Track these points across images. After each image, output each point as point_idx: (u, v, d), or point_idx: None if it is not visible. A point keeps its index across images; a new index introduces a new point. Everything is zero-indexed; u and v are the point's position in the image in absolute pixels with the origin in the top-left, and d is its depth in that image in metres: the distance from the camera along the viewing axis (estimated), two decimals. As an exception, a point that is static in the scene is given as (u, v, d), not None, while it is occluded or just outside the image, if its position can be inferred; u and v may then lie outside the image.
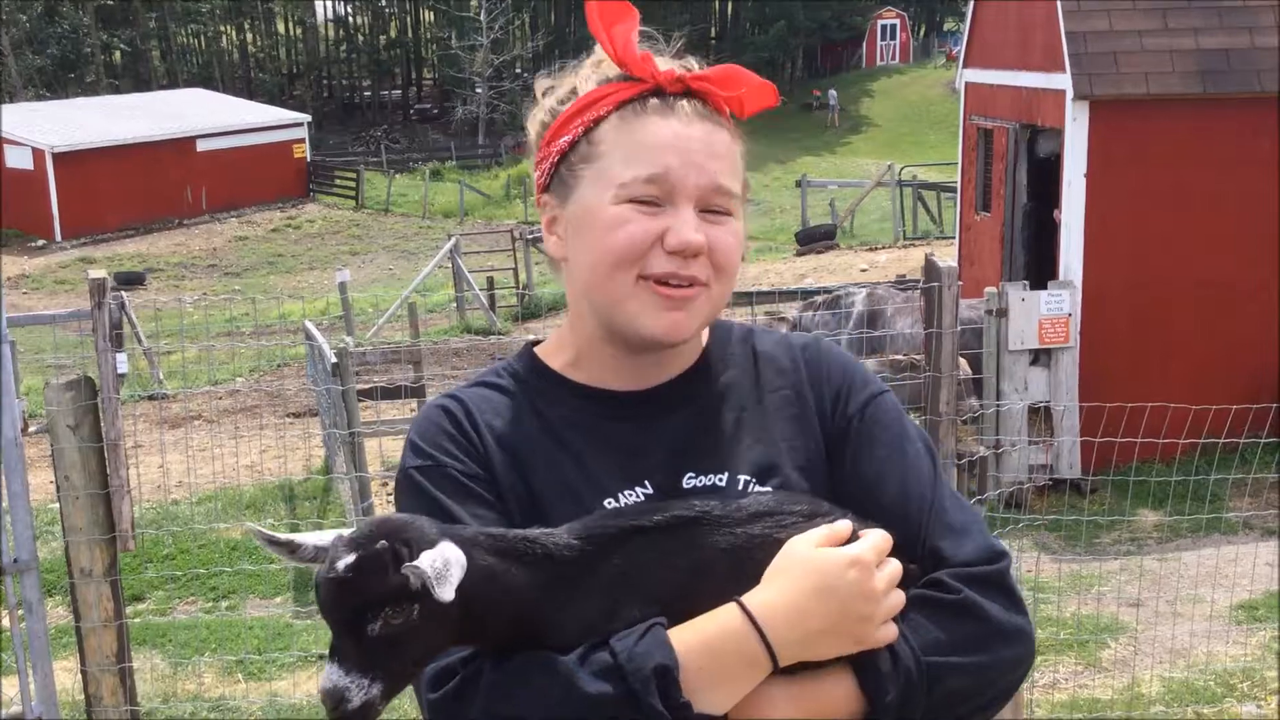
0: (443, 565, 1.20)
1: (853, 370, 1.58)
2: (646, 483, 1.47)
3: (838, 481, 1.51)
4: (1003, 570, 1.43)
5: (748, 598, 1.33)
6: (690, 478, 1.48)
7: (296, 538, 1.28)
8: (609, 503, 1.45)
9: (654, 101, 1.45)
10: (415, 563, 1.20)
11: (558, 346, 1.58)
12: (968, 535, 1.45)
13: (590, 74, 1.51)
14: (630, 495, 1.46)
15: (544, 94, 1.55)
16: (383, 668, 1.22)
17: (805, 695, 1.35)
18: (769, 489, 1.47)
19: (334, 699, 1.20)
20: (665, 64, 1.48)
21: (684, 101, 1.46)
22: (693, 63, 1.52)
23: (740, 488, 1.47)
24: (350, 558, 1.22)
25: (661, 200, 1.42)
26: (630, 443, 1.49)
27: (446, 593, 1.19)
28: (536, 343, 1.62)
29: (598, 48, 1.51)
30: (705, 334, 1.58)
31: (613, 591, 1.33)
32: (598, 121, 1.46)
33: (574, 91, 1.51)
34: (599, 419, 1.50)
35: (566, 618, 1.32)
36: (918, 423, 1.63)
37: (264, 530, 1.29)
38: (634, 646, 1.29)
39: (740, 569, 1.36)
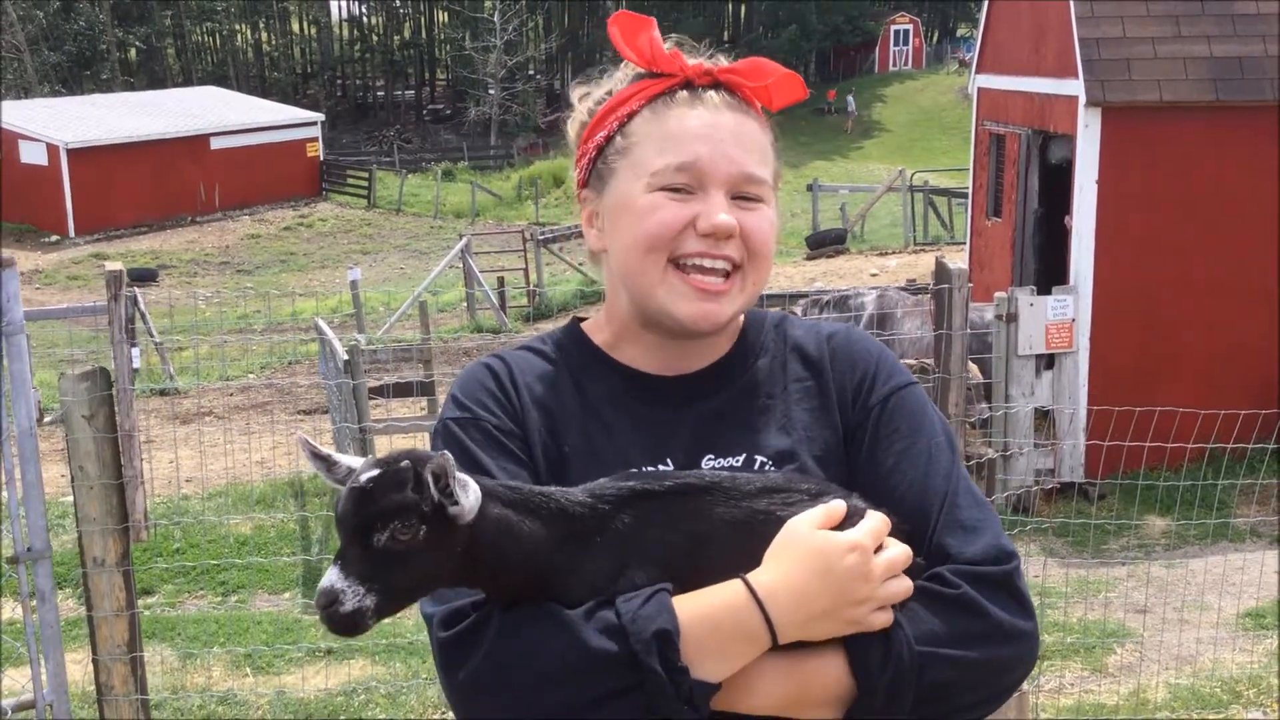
0: (462, 480, 1.28)
1: (878, 361, 1.59)
2: (669, 460, 1.51)
3: (854, 471, 1.53)
4: (1009, 571, 1.43)
5: (752, 576, 1.37)
6: (709, 459, 1.52)
7: (335, 455, 1.34)
8: (630, 472, 1.48)
9: (683, 94, 1.51)
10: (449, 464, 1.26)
11: (599, 326, 1.63)
12: (978, 533, 1.45)
13: (624, 76, 1.57)
14: (649, 469, 1.50)
15: (581, 99, 1.61)
16: (381, 581, 1.27)
17: (796, 671, 1.37)
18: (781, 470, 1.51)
19: (328, 598, 1.26)
20: (694, 60, 1.54)
21: (712, 93, 1.51)
22: (721, 60, 1.57)
23: (755, 468, 1.51)
24: (374, 471, 1.28)
25: (693, 187, 1.48)
26: (658, 424, 1.54)
27: (466, 500, 1.26)
28: (583, 319, 1.66)
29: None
30: (740, 321, 1.62)
31: (621, 552, 1.37)
32: (631, 116, 1.52)
33: (609, 93, 1.57)
34: (632, 399, 1.55)
35: (575, 575, 1.36)
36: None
37: (310, 441, 1.36)
38: (639, 609, 1.32)
39: (745, 541, 1.39)
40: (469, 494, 1.28)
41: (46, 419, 12.03)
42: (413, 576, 1.30)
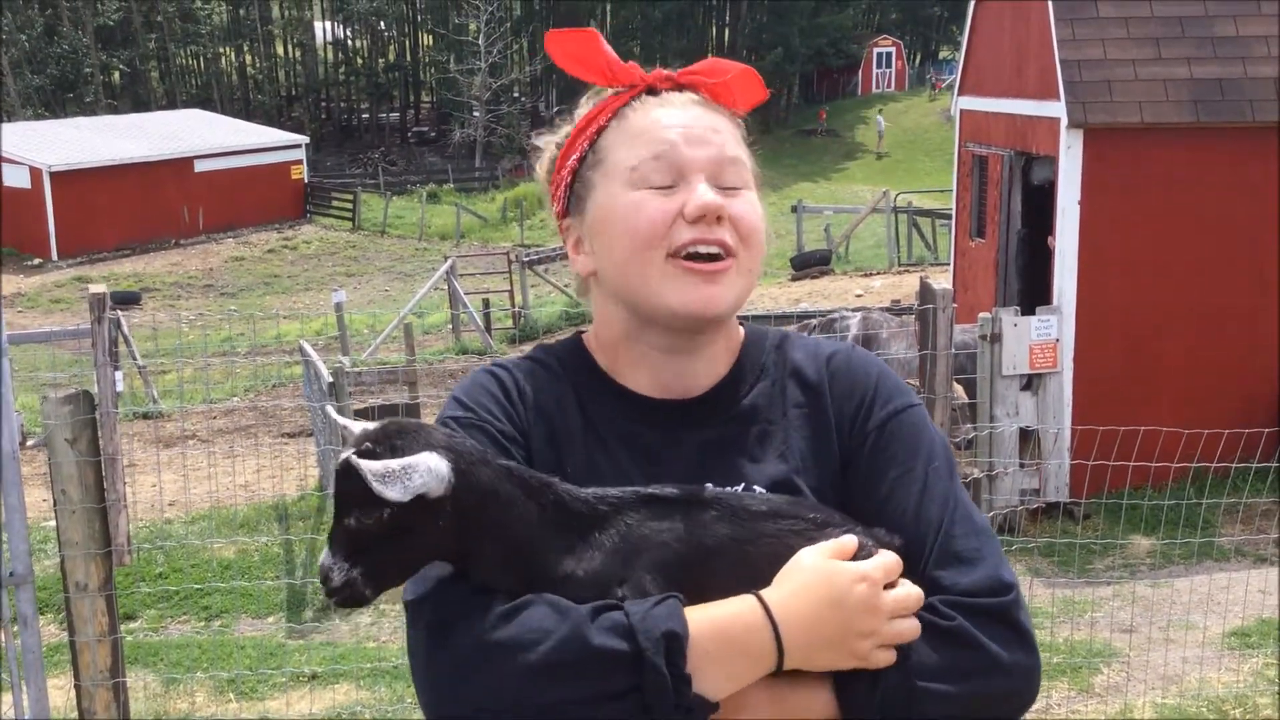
0: (400, 469, 1.26)
1: (877, 382, 1.54)
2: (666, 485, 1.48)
3: (850, 498, 1.49)
4: (1006, 603, 1.39)
5: (764, 594, 1.34)
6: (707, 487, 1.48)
7: (351, 425, 1.36)
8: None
9: (647, 98, 1.52)
10: (367, 462, 1.26)
11: (595, 345, 1.59)
12: (975, 564, 1.41)
13: (588, 102, 1.56)
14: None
15: (545, 144, 1.60)
16: (363, 558, 1.30)
17: (783, 699, 1.35)
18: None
19: (321, 575, 1.31)
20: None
21: (674, 94, 1.52)
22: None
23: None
24: (349, 451, 1.30)
25: (674, 179, 1.45)
26: (657, 450, 1.50)
27: (391, 493, 1.25)
28: (584, 332, 1.63)
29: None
30: (738, 342, 1.58)
31: (622, 552, 1.35)
32: (600, 131, 1.51)
33: (567, 135, 1.56)
34: (631, 422, 1.51)
35: (568, 569, 1.34)
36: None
37: (336, 414, 1.43)
38: (649, 610, 1.29)
39: (746, 560, 1.37)
40: (405, 482, 1.26)
41: (29, 442, 11.96)
42: (392, 553, 1.31)
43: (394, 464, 1.25)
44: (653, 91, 1.52)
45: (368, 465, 1.24)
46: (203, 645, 7.14)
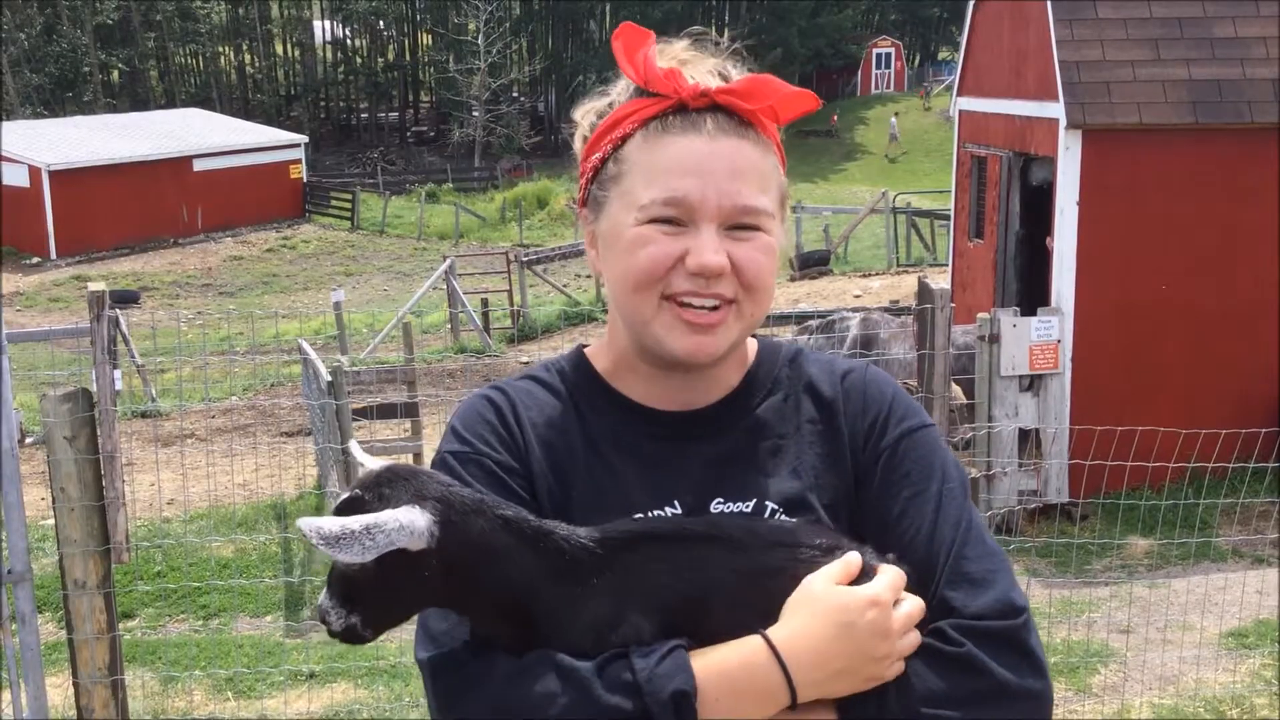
0: (361, 529, 1.22)
1: (892, 402, 1.52)
2: (676, 503, 1.45)
3: (862, 517, 1.47)
4: (1016, 627, 1.36)
5: (771, 632, 1.32)
6: (718, 503, 1.46)
7: (367, 463, 1.37)
8: (636, 517, 1.43)
9: (676, 119, 1.42)
10: (320, 522, 1.22)
11: (601, 351, 1.57)
12: (985, 587, 1.38)
13: (626, 87, 1.48)
14: (657, 514, 1.45)
15: (584, 114, 1.53)
16: (358, 603, 1.29)
17: None
18: (793, 520, 1.45)
19: (320, 616, 1.32)
20: (701, 75, 1.46)
21: (708, 116, 1.42)
22: (731, 70, 1.49)
23: (766, 515, 1.45)
24: (344, 495, 1.30)
25: (684, 220, 1.40)
26: (665, 463, 1.48)
27: (344, 556, 1.22)
28: (586, 345, 1.60)
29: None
30: (751, 354, 1.56)
31: (622, 596, 1.32)
32: (624, 139, 1.44)
33: (611, 105, 1.49)
34: (638, 435, 1.49)
35: (573, 615, 1.32)
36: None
37: (358, 451, 1.39)
38: (655, 667, 1.27)
39: (751, 594, 1.34)
40: (364, 543, 1.22)
41: (28, 440, 11.96)
42: (385, 599, 1.29)
43: (354, 524, 1.22)
44: (683, 109, 1.42)
45: (319, 528, 1.21)
46: (201, 644, 7.14)
